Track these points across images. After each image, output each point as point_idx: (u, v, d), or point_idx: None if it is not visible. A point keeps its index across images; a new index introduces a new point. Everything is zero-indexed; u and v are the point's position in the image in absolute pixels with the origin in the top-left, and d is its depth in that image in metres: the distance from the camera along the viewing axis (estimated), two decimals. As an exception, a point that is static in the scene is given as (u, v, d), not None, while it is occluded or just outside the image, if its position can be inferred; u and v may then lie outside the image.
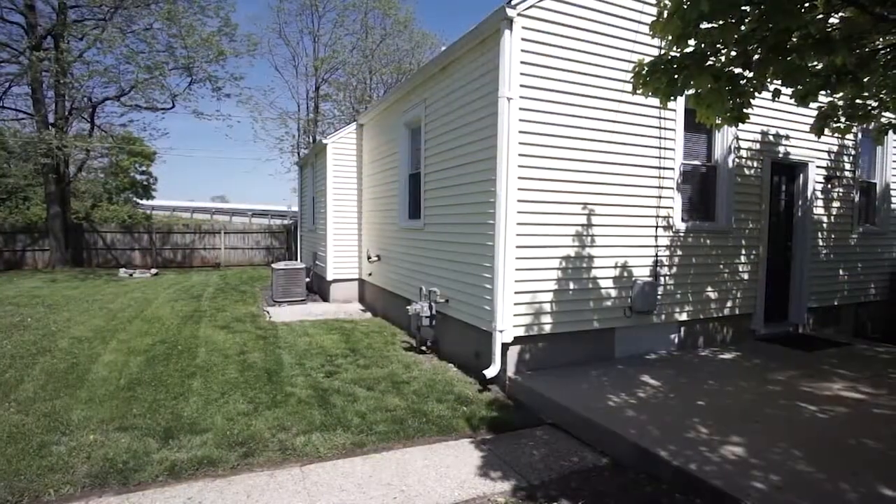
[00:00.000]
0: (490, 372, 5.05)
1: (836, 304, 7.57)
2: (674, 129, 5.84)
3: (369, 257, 9.57)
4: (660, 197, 5.78)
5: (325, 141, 10.38)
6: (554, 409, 4.43)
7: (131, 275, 15.73)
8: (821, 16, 3.79)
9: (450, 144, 6.21)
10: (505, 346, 5.08)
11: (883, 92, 4.91)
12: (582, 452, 3.86)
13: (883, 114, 5.33)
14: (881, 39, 3.95)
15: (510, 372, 5.12)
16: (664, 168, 5.80)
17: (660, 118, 5.75)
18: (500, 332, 4.98)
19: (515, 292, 5.02)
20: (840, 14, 3.85)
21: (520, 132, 4.96)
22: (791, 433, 3.78)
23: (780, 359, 5.85)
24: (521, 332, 5.10)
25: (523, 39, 4.98)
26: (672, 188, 5.87)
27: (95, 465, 3.50)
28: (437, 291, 6.29)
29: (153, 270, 16.83)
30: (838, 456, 3.43)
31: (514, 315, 5.04)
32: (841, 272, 7.55)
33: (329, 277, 10.54)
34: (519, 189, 4.99)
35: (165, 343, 6.88)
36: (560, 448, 3.94)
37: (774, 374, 5.25)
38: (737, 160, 6.36)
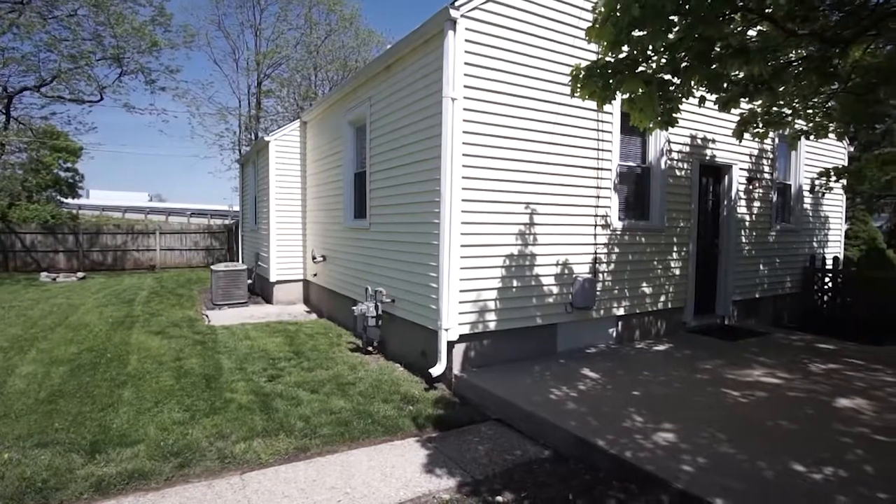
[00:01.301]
0: (436, 370, 5.07)
1: (757, 296, 8.15)
2: (611, 132, 6.09)
3: (314, 258, 9.38)
4: (598, 197, 6.01)
5: (266, 138, 10.08)
6: (498, 405, 4.51)
7: (54, 279, 14.64)
8: (740, 28, 4.08)
9: (395, 143, 6.19)
10: (451, 345, 5.12)
11: (795, 101, 5.35)
12: (525, 445, 3.96)
13: (796, 121, 5.80)
14: (794, 53, 4.29)
15: (456, 370, 5.17)
16: (602, 169, 6.04)
17: (598, 121, 5.97)
18: (446, 330, 5.02)
19: (460, 290, 5.07)
20: (758, 28, 4.16)
21: (464, 132, 5.02)
22: (716, 418, 4.03)
23: (708, 349, 6.23)
24: (466, 329, 5.16)
25: (467, 41, 5.03)
26: (610, 188, 6.12)
27: (10, 486, 3.24)
28: (382, 291, 6.26)
29: (79, 274, 15.74)
30: (757, 437, 3.69)
31: (460, 313, 5.09)
32: (761, 267, 8.14)
33: (272, 279, 10.25)
34: (463, 189, 5.04)
35: (93, 351, 6.46)
36: (504, 442, 4.02)
37: (702, 363, 5.59)
38: (669, 162, 6.72)
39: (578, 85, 3.57)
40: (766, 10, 3.37)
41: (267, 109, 24.56)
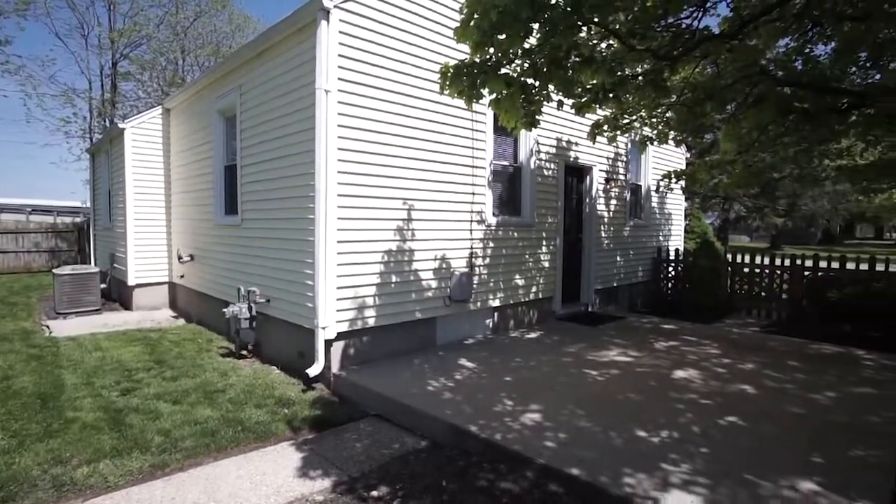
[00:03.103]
0: (314, 370, 4.93)
1: (615, 285, 9.06)
2: (485, 132, 6.37)
3: (180, 257, 8.60)
4: (473, 194, 6.26)
5: (122, 125, 9.01)
6: (377, 400, 4.51)
7: None
8: (594, 41, 4.49)
9: (268, 135, 5.89)
10: (328, 343, 5.00)
11: (642, 110, 6.00)
12: (403, 438, 4.00)
13: (644, 128, 6.52)
14: (640, 66, 4.80)
15: (335, 368, 5.07)
16: (477, 167, 6.29)
17: (472, 120, 6.21)
18: (323, 328, 4.90)
19: (338, 287, 4.98)
20: (607, 42, 4.60)
21: (339, 126, 4.92)
22: (577, 396, 4.41)
23: (573, 334, 6.79)
24: (344, 327, 5.08)
25: (341, 32, 4.94)
26: (484, 185, 6.39)
27: None
28: (256, 291, 5.93)
29: None
30: (610, 410, 4.11)
31: (338, 311, 5.00)
32: (618, 259, 9.06)
33: (131, 282, 9.20)
34: (339, 183, 4.94)
35: None
36: (382, 437, 4.03)
37: (568, 347, 6.08)
38: (538, 162, 7.19)
39: (447, 83, 3.67)
40: (610, 26, 3.74)
41: (125, 94, 22.00)
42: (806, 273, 8.01)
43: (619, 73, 4.32)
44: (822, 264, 7.93)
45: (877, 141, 6.93)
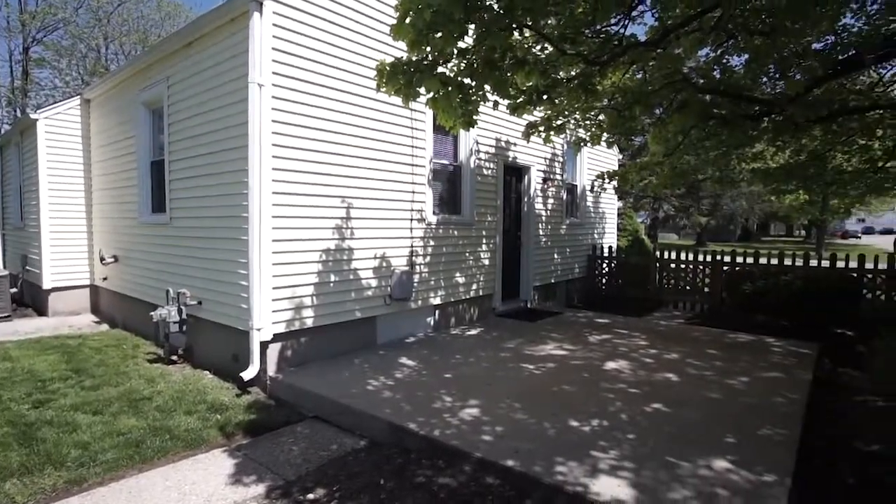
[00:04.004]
0: (248, 374, 4.77)
1: (553, 281, 9.35)
2: (424, 130, 6.39)
3: (103, 258, 8.05)
4: (413, 192, 6.26)
5: (34, 116, 8.30)
6: (316, 402, 4.43)
7: None
8: (529, 44, 4.61)
9: (198, 130, 5.63)
10: (264, 345, 4.86)
11: (576, 112, 6.22)
12: (342, 439, 3.96)
13: (578, 130, 6.76)
14: (573, 70, 4.98)
15: (271, 371, 4.93)
16: (417, 165, 6.30)
17: (412, 119, 6.21)
18: (258, 330, 4.75)
19: (274, 287, 4.84)
20: (541, 45, 4.74)
21: (273, 121, 4.78)
22: (515, 390, 4.52)
23: (512, 330, 6.96)
24: (281, 328, 4.95)
25: (275, 25, 4.80)
26: (424, 184, 6.42)
27: None
28: (186, 293, 5.65)
29: None
30: (545, 402, 4.24)
31: (274, 311, 4.86)
32: (556, 256, 9.36)
33: (46, 285, 8.51)
34: (274, 181, 4.81)
35: None
36: (320, 439, 3.96)
37: (507, 343, 6.22)
38: (477, 161, 7.30)
39: (384, 80, 3.66)
40: (543, 30, 3.87)
41: (40, 82, 20.38)
42: (724, 268, 8.61)
43: (553, 75, 4.47)
44: (739, 260, 8.57)
45: (785, 146, 7.56)
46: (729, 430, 3.71)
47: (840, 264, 7.79)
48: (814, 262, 8.05)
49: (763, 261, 8.47)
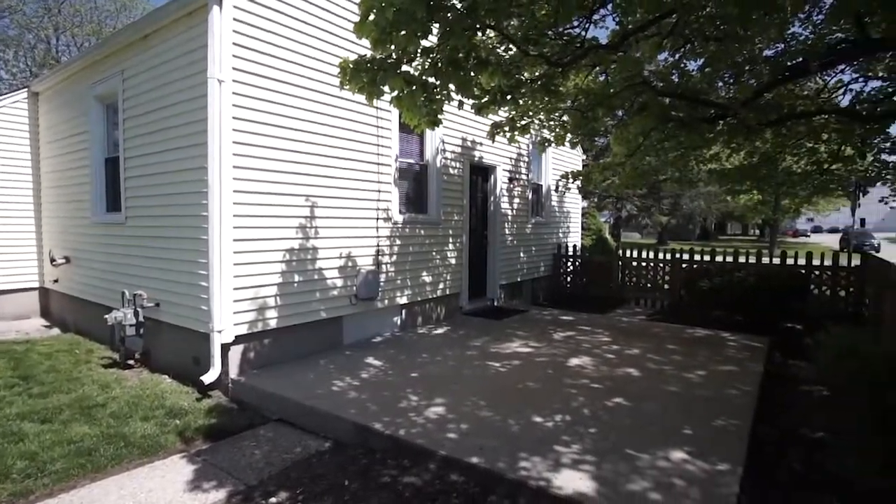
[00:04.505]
0: (209, 377, 4.65)
1: (519, 280, 9.46)
2: (390, 129, 6.36)
3: (53, 260, 7.69)
4: (379, 191, 6.23)
5: (-25, 109, 7.86)
6: (280, 404, 4.35)
7: None
8: (493, 45, 4.65)
9: (155, 126, 5.45)
10: (226, 347, 4.74)
11: (541, 113, 6.31)
12: (306, 441, 3.90)
13: (543, 131, 6.86)
14: (537, 71, 5.04)
15: (233, 373, 4.82)
16: (383, 164, 6.27)
17: (378, 117, 6.17)
18: (220, 332, 4.63)
19: (235, 288, 4.73)
20: (505, 46, 4.78)
21: (234, 118, 4.67)
22: (480, 388, 4.56)
23: (479, 328, 7.01)
24: (244, 330, 4.84)
25: (236, 20, 4.70)
26: (390, 183, 6.39)
27: None
28: (144, 295, 5.46)
29: None
30: (510, 398, 4.29)
31: (235, 313, 4.75)
32: (522, 255, 9.47)
33: (-10, 288, 8.07)
34: (235, 179, 4.70)
35: None
36: (284, 442, 3.90)
37: (473, 341, 6.26)
38: (444, 161, 7.32)
39: (347, 78, 3.63)
40: (506, 31, 3.91)
41: (-19, 74, 19.27)
42: (683, 266, 8.90)
43: (517, 76, 4.53)
44: (697, 258, 8.88)
45: (739, 148, 7.87)
46: (686, 422, 3.84)
47: (790, 262, 8.17)
48: (766, 260, 8.43)
49: (719, 259, 8.80)
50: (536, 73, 4.77)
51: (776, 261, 8.38)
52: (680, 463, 3.20)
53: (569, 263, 10.49)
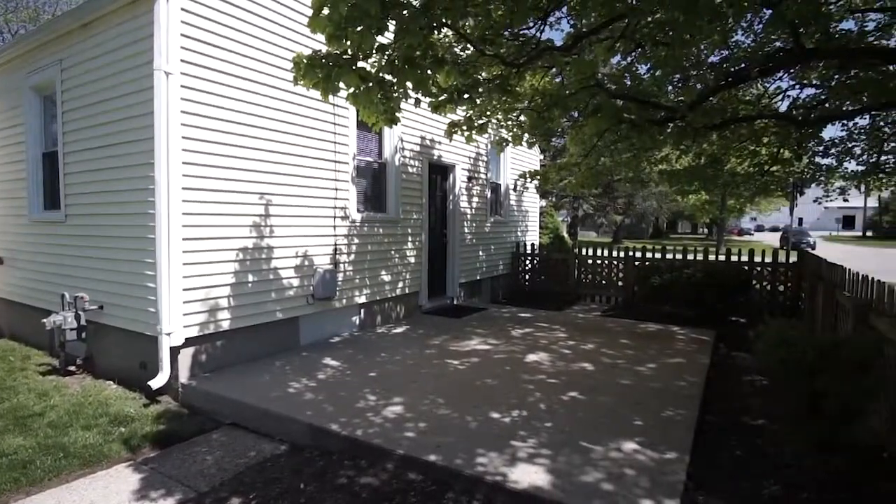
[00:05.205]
0: (157, 382, 4.47)
1: (478, 278, 9.54)
2: (348, 126, 6.28)
3: (-16, 261, 7.20)
4: (337, 189, 6.14)
5: None
6: (233, 408, 4.23)
7: None
8: (451, 43, 4.66)
9: (97, 119, 5.18)
10: (175, 350, 4.57)
11: (498, 113, 6.37)
12: (260, 445, 3.81)
13: (501, 130, 6.93)
14: (494, 71, 5.08)
15: (184, 377, 4.65)
16: (340, 162, 6.18)
17: (335, 114, 6.08)
18: (168, 335, 4.46)
19: (185, 289, 4.56)
20: (462, 45, 4.81)
21: (182, 112, 4.50)
22: (439, 386, 4.57)
23: (438, 327, 7.02)
24: (194, 332, 4.67)
25: (183, 9, 4.53)
26: (348, 181, 6.31)
27: None
28: (85, 297, 5.18)
29: None
30: (468, 396, 4.32)
31: (185, 315, 4.58)
32: (480, 253, 9.55)
33: (-88, 292, 7.48)
34: (184, 175, 4.53)
35: None
36: (237, 446, 3.79)
37: (432, 339, 6.27)
38: (403, 159, 7.29)
39: (301, 74, 3.56)
40: (463, 30, 3.92)
41: None
42: (636, 263, 9.20)
43: (474, 75, 4.55)
44: (648, 255, 9.20)
45: (687, 150, 8.19)
46: (637, 413, 3.97)
47: (735, 259, 8.59)
48: (713, 258, 8.83)
49: (670, 256, 9.14)
50: (493, 73, 4.82)
51: (722, 258, 8.80)
52: (631, 453, 3.30)
53: (527, 262, 10.66)
